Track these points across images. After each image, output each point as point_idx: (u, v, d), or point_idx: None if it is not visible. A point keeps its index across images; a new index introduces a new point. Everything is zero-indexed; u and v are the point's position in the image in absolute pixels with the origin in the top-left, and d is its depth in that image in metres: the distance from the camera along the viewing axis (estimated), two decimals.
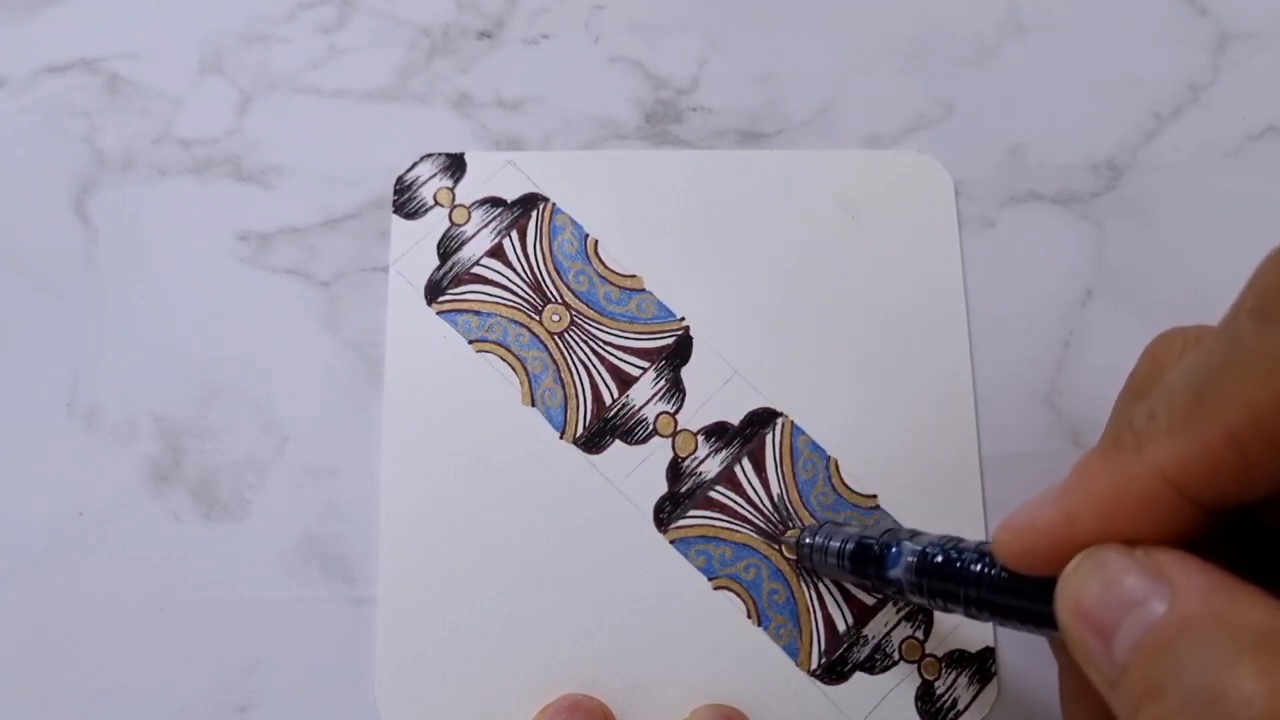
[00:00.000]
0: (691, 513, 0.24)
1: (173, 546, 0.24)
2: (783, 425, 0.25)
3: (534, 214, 0.26)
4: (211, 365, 0.25)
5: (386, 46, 0.27)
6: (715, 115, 0.27)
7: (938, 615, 0.24)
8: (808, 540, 0.23)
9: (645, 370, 0.25)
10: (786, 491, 0.24)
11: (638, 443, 0.25)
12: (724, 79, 0.27)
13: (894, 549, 0.20)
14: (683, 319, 0.25)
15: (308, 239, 0.26)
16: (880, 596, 0.24)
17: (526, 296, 0.25)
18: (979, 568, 0.18)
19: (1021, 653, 0.24)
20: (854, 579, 0.22)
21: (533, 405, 0.25)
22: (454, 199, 0.26)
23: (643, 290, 0.25)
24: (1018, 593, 0.18)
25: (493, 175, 0.26)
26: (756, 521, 0.24)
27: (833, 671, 0.23)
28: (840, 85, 0.27)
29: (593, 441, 0.24)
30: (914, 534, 0.20)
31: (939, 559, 0.19)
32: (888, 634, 0.24)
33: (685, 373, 0.25)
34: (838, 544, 0.22)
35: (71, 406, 0.25)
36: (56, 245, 0.26)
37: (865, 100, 0.27)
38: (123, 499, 0.24)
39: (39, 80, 0.27)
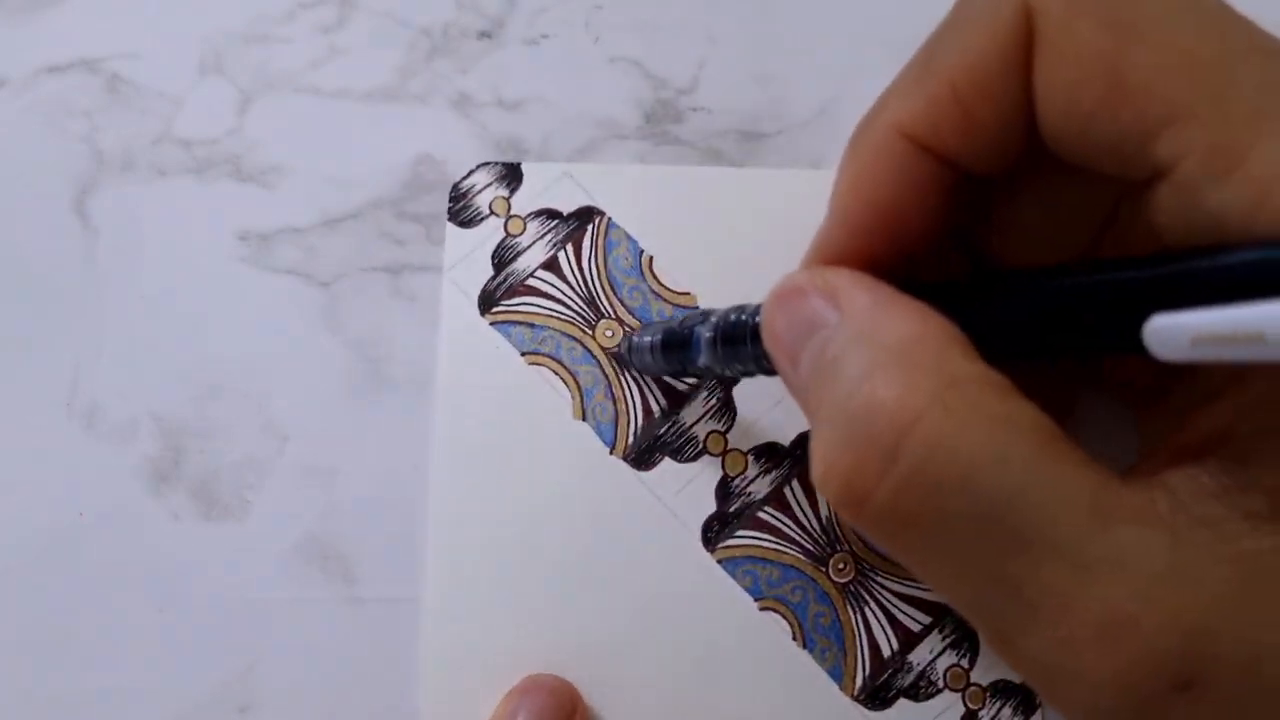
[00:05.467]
0: (740, 532, 0.24)
1: (173, 546, 0.24)
2: None
3: (589, 228, 0.26)
4: (211, 365, 0.25)
5: (386, 46, 0.27)
6: (715, 115, 0.27)
7: (982, 645, 0.23)
8: (624, 346, 0.24)
9: (697, 388, 0.25)
10: (835, 514, 0.24)
11: (687, 460, 0.24)
12: (724, 79, 0.27)
13: (695, 331, 0.21)
14: None
15: (307, 239, 0.26)
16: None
17: (580, 310, 0.25)
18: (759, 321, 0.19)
19: None
20: (669, 370, 0.23)
21: (584, 420, 0.25)
22: (509, 209, 0.26)
23: (696, 308, 0.25)
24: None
25: (549, 186, 0.26)
26: (804, 544, 0.24)
27: (876, 697, 0.23)
28: (840, 85, 0.27)
29: (642, 458, 0.24)
30: (706, 315, 0.21)
31: (729, 325, 0.20)
32: (933, 661, 0.23)
33: (736, 392, 0.25)
34: (649, 339, 0.23)
35: (71, 406, 0.25)
36: (56, 245, 0.26)
37: (865, 100, 0.27)
38: (123, 499, 0.24)
39: (39, 80, 0.27)
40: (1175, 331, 0.13)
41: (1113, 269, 0.14)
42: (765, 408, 0.25)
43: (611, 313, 0.25)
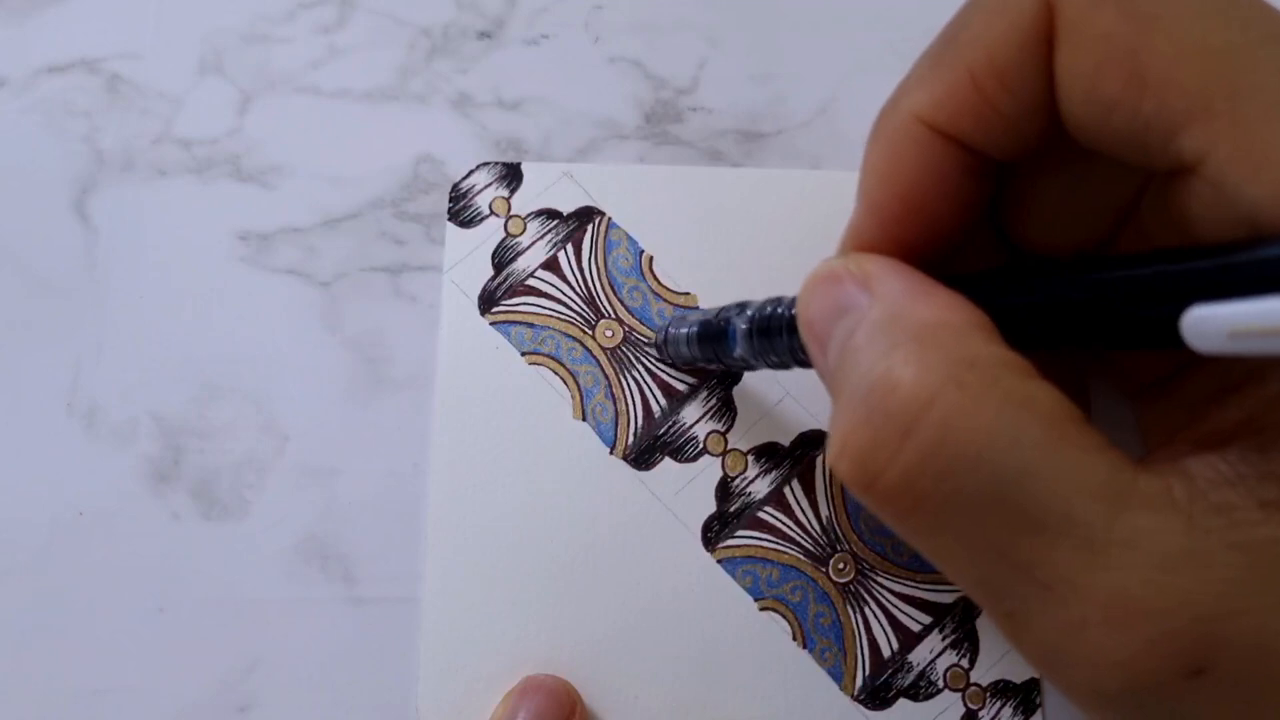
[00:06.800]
0: (740, 532, 0.24)
1: (173, 546, 0.24)
2: None
3: (589, 228, 0.26)
4: (211, 365, 0.25)
5: (386, 46, 0.27)
6: (715, 115, 0.27)
7: (982, 645, 0.24)
8: (661, 337, 0.24)
9: (697, 388, 0.25)
10: (835, 515, 0.24)
11: (687, 460, 0.24)
12: (724, 79, 0.27)
13: (730, 323, 0.21)
14: None
15: (308, 239, 0.26)
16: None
17: (580, 310, 0.25)
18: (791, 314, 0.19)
19: None
20: (703, 361, 0.23)
21: (584, 420, 0.25)
22: (509, 209, 0.26)
23: (696, 309, 0.25)
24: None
25: (549, 186, 0.26)
26: (804, 544, 0.24)
27: (876, 697, 0.23)
28: (840, 85, 0.27)
29: (643, 458, 0.24)
30: (743, 306, 0.21)
31: (765, 318, 0.20)
32: (932, 661, 0.23)
33: (736, 392, 0.25)
34: (685, 331, 0.23)
35: (71, 406, 0.25)
36: (56, 245, 0.26)
37: (865, 100, 0.27)
38: (123, 499, 0.24)
39: (39, 80, 0.27)
40: (1214, 324, 0.13)
41: (1150, 261, 0.14)
42: (765, 408, 0.25)
43: (611, 313, 0.25)
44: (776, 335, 0.19)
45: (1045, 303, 0.15)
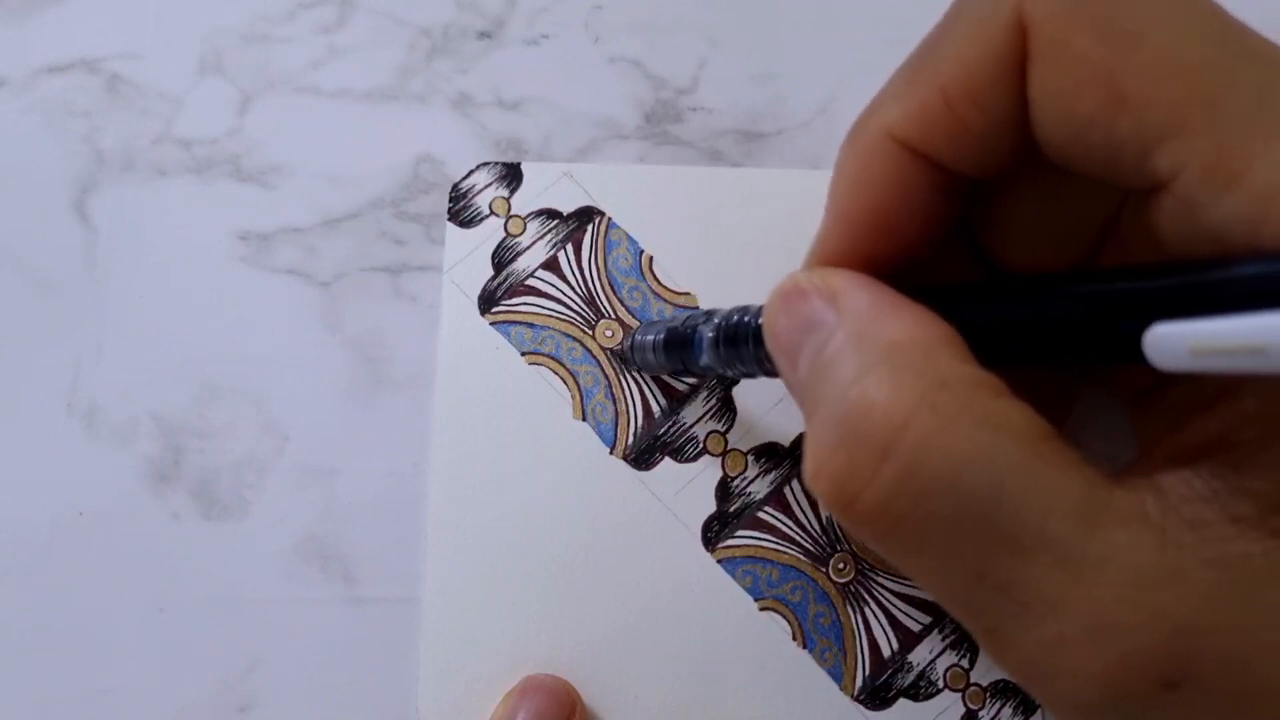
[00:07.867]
0: (740, 532, 0.24)
1: (173, 546, 0.24)
2: None
3: (589, 228, 0.26)
4: (211, 365, 0.25)
5: (386, 46, 0.27)
6: (715, 115, 0.27)
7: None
8: (627, 344, 0.24)
9: (697, 388, 0.25)
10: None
11: (687, 460, 0.24)
12: (724, 79, 0.27)
13: (697, 331, 0.21)
14: None
15: (308, 239, 0.26)
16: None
17: (580, 310, 0.25)
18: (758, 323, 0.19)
19: None
20: (670, 369, 0.23)
21: (584, 420, 0.25)
22: (509, 209, 0.26)
23: (696, 309, 0.25)
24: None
25: (549, 186, 0.26)
26: (804, 544, 0.24)
27: (877, 697, 0.23)
28: (840, 85, 0.27)
29: (642, 458, 0.24)
30: (710, 314, 0.21)
31: (732, 326, 0.20)
32: (932, 661, 0.23)
33: (736, 392, 0.25)
34: (651, 338, 0.23)
35: (71, 406, 0.25)
36: (56, 245, 0.26)
37: (865, 100, 0.27)
38: (123, 499, 0.24)
39: (39, 80, 0.27)
40: (1175, 341, 0.13)
41: (1114, 278, 0.14)
42: (765, 408, 0.25)
43: (611, 313, 0.25)
44: (743, 344, 0.19)
45: (1011, 318, 0.15)
